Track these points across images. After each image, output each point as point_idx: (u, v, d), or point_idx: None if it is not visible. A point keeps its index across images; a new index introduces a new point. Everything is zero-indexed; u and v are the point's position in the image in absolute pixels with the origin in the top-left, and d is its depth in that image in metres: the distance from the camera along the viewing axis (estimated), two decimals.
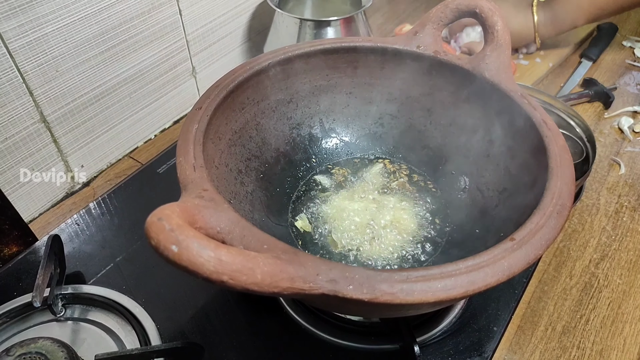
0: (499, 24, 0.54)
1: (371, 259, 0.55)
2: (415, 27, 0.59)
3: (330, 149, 0.68)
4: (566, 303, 0.62)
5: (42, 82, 0.65)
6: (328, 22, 0.83)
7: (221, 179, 0.50)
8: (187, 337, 0.55)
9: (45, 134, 0.69)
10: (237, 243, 0.36)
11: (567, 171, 0.44)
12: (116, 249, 0.65)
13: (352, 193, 0.63)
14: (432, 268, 0.35)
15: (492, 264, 0.36)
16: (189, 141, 0.45)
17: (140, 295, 0.58)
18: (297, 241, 0.58)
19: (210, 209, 0.37)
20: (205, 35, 0.86)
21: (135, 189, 0.73)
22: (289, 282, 0.32)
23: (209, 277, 0.30)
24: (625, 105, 0.93)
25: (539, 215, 0.40)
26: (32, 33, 0.61)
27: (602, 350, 0.57)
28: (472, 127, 0.59)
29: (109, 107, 0.76)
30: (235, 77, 0.53)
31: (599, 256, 0.68)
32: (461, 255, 0.52)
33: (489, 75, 0.54)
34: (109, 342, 0.54)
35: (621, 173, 0.80)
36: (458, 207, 0.61)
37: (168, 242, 0.29)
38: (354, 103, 0.66)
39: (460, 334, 0.56)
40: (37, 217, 0.73)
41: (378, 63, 0.62)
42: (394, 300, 0.33)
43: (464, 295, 0.35)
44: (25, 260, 0.63)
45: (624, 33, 1.14)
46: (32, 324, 0.55)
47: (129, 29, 0.73)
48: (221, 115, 0.51)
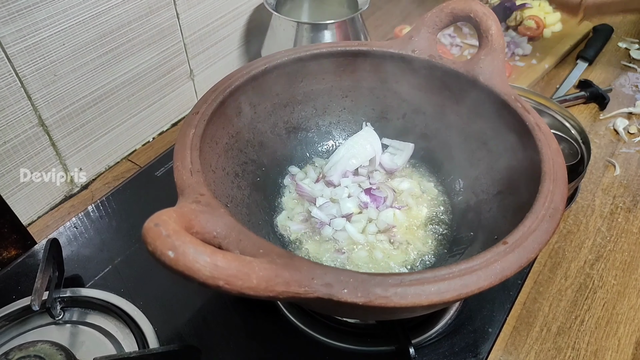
0: (493, 28, 0.54)
1: (364, 263, 0.56)
2: (410, 31, 0.60)
3: (327, 152, 0.69)
4: (561, 304, 0.63)
5: (40, 86, 0.66)
6: (325, 25, 0.84)
7: (218, 183, 0.50)
8: (184, 339, 0.56)
9: (43, 137, 0.69)
10: (234, 247, 0.37)
11: (560, 174, 0.45)
12: (114, 252, 0.65)
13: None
14: (426, 272, 0.36)
15: (484, 267, 0.36)
16: (186, 146, 0.45)
17: (138, 299, 0.59)
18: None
19: (207, 213, 0.38)
20: (202, 38, 0.87)
21: (133, 192, 0.74)
22: (284, 286, 0.33)
23: (205, 282, 0.30)
24: (621, 106, 0.94)
25: (532, 218, 0.40)
26: (30, 38, 0.62)
27: (597, 350, 0.58)
28: (466, 130, 0.59)
29: (107, 110, 0.77)
30: (232, 81, 0.53)
31: (594, 257, 0.68)
32: (455, 259, 0.53)
33: (483, 79, 0.54)
34: (108, 345, 0.54)
35: (616, 174, 0.81)
36: (453, 209, 0.61)
37: (165, 247, 0.30)
38: (350, 106, 0.67)
39: (456, 335, 0.56)
40: (36, 220, 0.74)
41: (374, 67, 0.62)
42: (387, 304, 0.34)
43: (457, 299, 0.35)
44: (24, 263, 0.63)
45: (619, 34, 1.14)
46: (31, 327, 0.56)
47: (127, 33, 0.73)
48: (218, 119, 0.52)
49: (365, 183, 0.63)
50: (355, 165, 0.63)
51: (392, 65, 0.61)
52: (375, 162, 0.65)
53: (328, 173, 0.62)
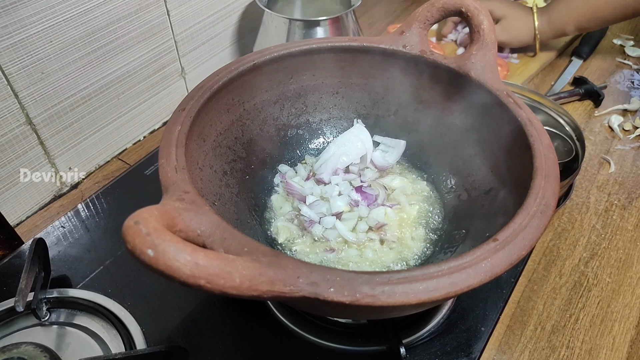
0: (484, 22, 0.54)
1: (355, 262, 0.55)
2: (401, 26, 0.59)
3: (318, 150, 0.68)
4: (556, 302, 0.62)
5: (27, 84, 0.65)
6: (317, 22, 0.83)
7: (205, 181, 0.50)
8: (172, 340, 0.55)
9: (31, 136, 0.68)
10: (218, 246, 0.36)
11: (552, 170, 0.44)
12: (102, 252, 0.64)
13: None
14: (414, 270, 0.35)
15: (474, 265, 0.36)
16: (171, 143, 0.45)
17: (126, 299, 0.58)
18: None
19: (191, 211, 0.37)
20: (193, 35, 0.86)
21: (122, 191, 0.73)
22: (268, 285, 0.32)
23: (185, 281, 0.29)
24: (616, 103, 0.93)
25: (523, 215, 0.40)
26: (17, 34, 0.61)
27: (592, 349, 0.57)
28: (458, 126, 0.59)
29: (96, 109, 0.76)
30: (220, 78, 0.53)
31: (589, 255, 0.68)
32: (447, 256, 0.52)
33: (474, 75, 0.54)
34: (94, 346, 0.53)
35: (611, 171, 0.80)
36: (444, 206, 0.61)
37: (144, 246, 0.29)
38: (341, 103, 0.66)
39: (448, 334, 0.55)
40: (25, 220, 0.73)
41: (365, 63, 0.62)
42: (375, 303, 0.33)
43: (446, 297, 0.35)
44: (10, 264, 0.62)
45: (614, 31, 1.14)
46: (16, 329, 0.55)
47: (116, 30, 0.72)
48: (205, 116, 0.51)
49: (356, 181, 0.62)
50: (346, 162, 0.62)
51: (383, 61, 0.60)
52: (366, 159, 0.64)
53: (318, 171, 0.62)
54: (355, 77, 0.63)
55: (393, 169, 0.66)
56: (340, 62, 0.62)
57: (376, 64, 0.61)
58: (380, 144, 0.66)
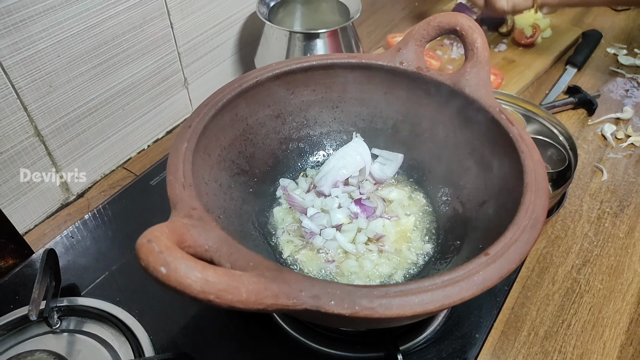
0: (478, 41, 0.56)
1: (354, 272, 0.57)
2: (398, 43, 0.61)
3: (318, 163, 0.70)
4: (549, 308, 0.64)
5: (36, 97, 0.67)
6: (317, 34, 0.85)
7: (210, 195, 0.51)
8: (179, 347, 0.57)
9: (39, 147, 0.70)
10: (225, 261, 0.38)
11: (542, 185, 0.46)
12: (110, 261, 0.66)
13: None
14: (410, 283, 0.37)
15: (467, 278, 0.38)
16: (178, 159, 0.47)
17: (133, 307, 0.60)
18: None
19: (199, 227, 0.39)
20: (196, 47, 0.88)
21: (128, 200, 0.75)
22: (272, 299, 0.34)
23: (196, 297, 0.31)
24: (609, 112, 0.95)
25: (513, 229, 0.42)
26: (26, 50, 0.63)
27: (583, 354, 0.59)
28: (453, 141, 0.61)
29: (102, 120, 0.78)
30: (224, 95, 0.55)
31: (581, 262, 0.70)
32: (442, 267, 0.54)
33: (469, 91, 0.56)
34: (104, 353, 0.55)
35: (604, 179, 0.82)
36: (439, 218, 0.63)
37: (157, 263, 0.31)
38: (340, 117, 0.68)
39: (443, 341, 0.57)
40: (33, 228, 0.75)
41: (364, 79, 0.64)
42: (373, 315, 0.35)
43: (440, 309, 0.37)
44: (21, 273, 0.64)
45: (608, 40, 1.16)
46: (28, 337, 0.57)
47: (121, 43, 0.74)
48: (210, 132, 0.53)
49: (355, 193, 0.64)
50: (345, 175, 0.64)
51: (381, 76, 0.62)
52: (365, 172, 0.66)
53: (319, 183, 0.64)
54: (354, 92, 0.65)
55: (390, 181, 0.68)
56: (340, 78, 0.64)
57: (374, 80, 0.63)
58: (379, 156, 0.68)
